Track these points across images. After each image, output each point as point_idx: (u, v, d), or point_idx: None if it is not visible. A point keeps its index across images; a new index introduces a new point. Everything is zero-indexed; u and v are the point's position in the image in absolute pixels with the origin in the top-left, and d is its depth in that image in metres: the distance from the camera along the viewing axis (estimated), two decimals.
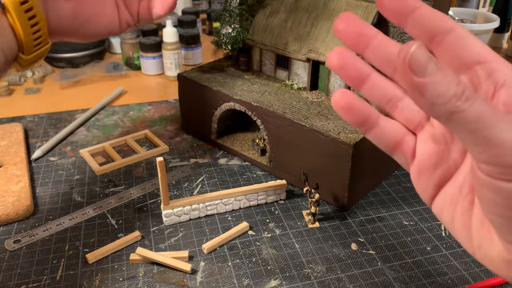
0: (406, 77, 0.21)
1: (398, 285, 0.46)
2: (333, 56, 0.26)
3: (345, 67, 0.26)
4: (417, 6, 0.24)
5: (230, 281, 0.47)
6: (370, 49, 0.26)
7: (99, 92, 0.89)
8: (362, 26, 0.26)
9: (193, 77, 0.68)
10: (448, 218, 0.27)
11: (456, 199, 0.27)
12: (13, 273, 0.48)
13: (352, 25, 0.26)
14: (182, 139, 0.73)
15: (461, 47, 0.24)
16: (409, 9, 0.24)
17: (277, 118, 0.58)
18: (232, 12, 0.69)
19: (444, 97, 0.20)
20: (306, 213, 0.56)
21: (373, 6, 0.58)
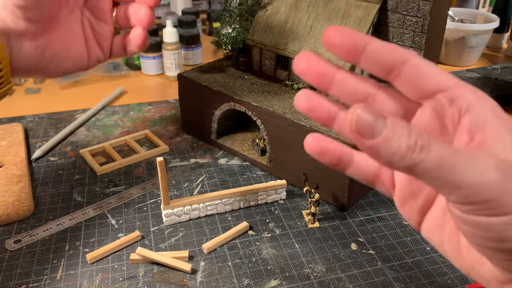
0: (357, 141, 0.21)
1: (398, 285, 0.47)
2: (300, 99, 0.27)
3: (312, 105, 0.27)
4: (367, 42, 0.24)
5: (230, 281, 0.47)
6: (334, 87, 0.27)
7: (99, 92, 0.89)
8: (321, 66, 0.26)
9: (193, 77, 0.68)
10: (438, 241, 0.27)
11: (442, 222, 0.26)
12: (13, 273, 0.48)
13: (312, 65, 0.26)
14: (182, 139, 0.73)
15: (419, 77, 0.24)
16: (361, 46, 0.24)
17: (277, 118, 0.58)
18: (232, 12, 0.69)
19: (399, 153, 0.20)
20: (306, 213, 0.56)
21: (373, 6, 0.58)
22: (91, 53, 0.49)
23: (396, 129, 0.20)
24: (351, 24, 0.59)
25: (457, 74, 0.92)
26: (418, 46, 0.57)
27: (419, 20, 0.56)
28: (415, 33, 0.57)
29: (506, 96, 0.85)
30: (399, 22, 0.57)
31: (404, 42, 0.58)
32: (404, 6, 0.56)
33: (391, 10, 0.58)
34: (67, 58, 0.47)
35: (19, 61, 0.43)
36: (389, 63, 0.24)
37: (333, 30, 0.24)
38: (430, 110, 0.25)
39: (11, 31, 0.41)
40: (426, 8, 0.54)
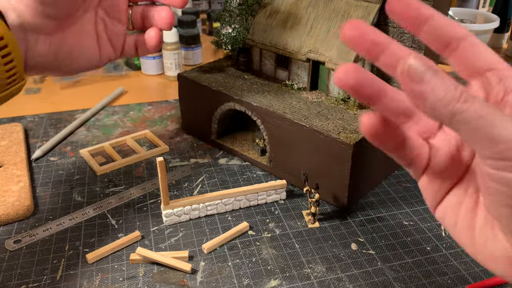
0: (406, 85, 0.22)
1: (398, 285, 0.47)
2: (345, 73, 0.26)
3: (360, 87, 0.27)
4: (432, 14, 0.25)
5: (230, 281, 0.47)
6: (386, 55, 0.26)
7: (99, 92, 0.89)
8: (373, 34, 0.26)
9: (193, 77, 0.68)
10: (451, 221, 0.28)
11: (462, 200, 0.27)
12: (13, 273, 0.48)
13: (364, 33, 0.26)
14: (182, 139, 0.73)
15: (473, 55, 0.26)
16: (424, 18, 0.25)
17: (277, 118, 0.58)
18: (232, 12, 0.69)
19: (444, 100, 0.22)
20: (306, 213, 0.56)
21: (373, 6, 0.58)
22: (103, 51, 0.49)
23: (444, 80, 0.22)
24: None
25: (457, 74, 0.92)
26: (418, 46, 0.57)
27: None
28: None
29: None
30: None
31: (404, 42, 0.58)
32: None
33: None
34: (80, 56, 0.47)
35: (33, 58, 0.43)
36: (449, 38, 0.25)
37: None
38: (478, 87, 0.26)
39: (28, 25, 0.42)
40: None
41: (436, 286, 0.46)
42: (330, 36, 0.60)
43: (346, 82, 0.26)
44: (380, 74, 0.31)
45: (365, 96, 0.27)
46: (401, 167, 0.65)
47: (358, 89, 0.26)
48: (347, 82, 0.26)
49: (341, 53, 0.59)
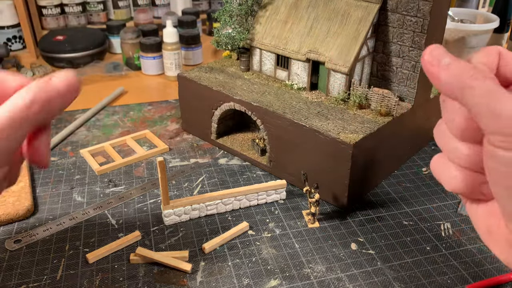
0: (426, 69, 0.26)
1: (398, 284, 0.47)
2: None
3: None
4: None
5: (230, 281, 0.47)
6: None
7: (99, 92, 0.89)
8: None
9: (193, 77, 0.68)
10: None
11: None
12: (13, 273, 0.48)
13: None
14: (182, 139, 0.73)
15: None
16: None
17: (277, 118, 0.58)
18: (232, 12, 0.69)
19: (457, 76, 0.25)
20: (306, 213, 0.56)
21: (373, 6, 0.58)
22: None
23: (461, 63, 0.25)
24: (351, 24, 0.59)
25: None
26: (418, 46, 0.57)
27: (419, 20, 0.56)
28: (415, 33, 0.57)
29: None
30: (399, 22, 0.57)
31: (404, 42, 0.58)
32: (404, 6, 0.56)
33: (391, 10, 0.58)
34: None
35: None
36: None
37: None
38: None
39: None
40: (426, 8, 0.54)
41: (436, 286, 0.46)
42: (330, 36, 0.60)
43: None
44: (381, 74, 0.31)
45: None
46: (401, 167, 0.65)
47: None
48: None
49: (341, 53, 0.59)
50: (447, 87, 0.26)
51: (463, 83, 0.25)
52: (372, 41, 0.60)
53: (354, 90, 0.59)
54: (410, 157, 0.68)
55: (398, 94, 0.61)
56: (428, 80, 0.35)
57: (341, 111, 0.59)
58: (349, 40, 0.58)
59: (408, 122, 0.61)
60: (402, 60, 0.59)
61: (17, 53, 1.08)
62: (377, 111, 0.58)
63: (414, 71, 0.59)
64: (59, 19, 1.16)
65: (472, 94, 0.24)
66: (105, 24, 1.13)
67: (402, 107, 0.60)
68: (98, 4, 1.16)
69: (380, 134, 0.56)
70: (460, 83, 0.25)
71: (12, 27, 1.07)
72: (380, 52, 0.61)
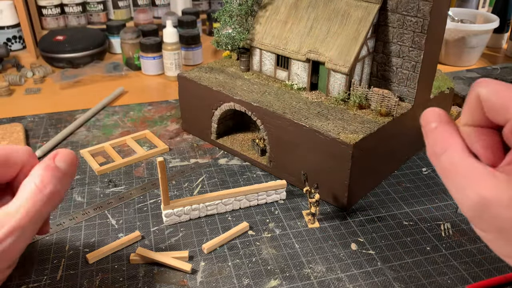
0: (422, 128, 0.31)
1: (398, 285, 0.47)
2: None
3: None
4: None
5: (230, 281, 0.47)
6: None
7: (99, 92, 0.89)
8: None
9: (193, 77, 0.68)
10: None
11: None
12: (14, 273, 0.48)
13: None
14: (182, 139, 0.73)
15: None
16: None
17: (277, 118, 0.58)
18: (232, 12, 0.69)
19: (433, 143, 0.29)
20: (306, 213, 0.56)
21: (373, 6, 0.58)
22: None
23: (437, 132, 0.29)
24: (351, 24, 0.59)
25: (457, 74, 0.92)
26: (418, 46, 0.57)
27: (419, 20, 0.56)
28: (415, 33, 0.57)
29: None
30: (399, 22, 0.57)
31: (404, 42, 0.58)
32: (404, 6, 0.56)
33: (391, 10, 0.58)
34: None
35: None
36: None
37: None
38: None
39: None
40: (426, 8, 0.54)
41: (436, 286, 0.46)
42: (330, 36, 0.60)
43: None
44: (381, 74, 0.31)
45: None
46: (401, 167, 0.65)
47: None
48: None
49: (341, 53, 0.59)
50: (429, 149, 0.30)
51: (436, 153, 0.29)
52: (372, 41, 0.60)
53: (354, 90, 0.59)
54: (410, 157, 0.68)
55: (398, 94, 0.61)
56: (428, 80, 0.35)
57: (341, 111, 0.59)
58: (349, 40, 0.58)
59: (408, 122, 0.61)
60: (402, 60, 0.59)
61: (17, 53, 1.08)
62: (377, 111, 0.58)
63: (414, 71, 0.59)
64: (59, 19, 1.16)
65: (437, 164, 0.28)
66: (105, 24, 1.13)
67: (402, 107, 0.60)
68: (98, 4, 1.16)
69: (380, 134, 0.56)
70: (435, 151, 0.29)
71: (12, 27, 1.07)
72: (380, 52, 0.61)
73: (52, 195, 0.36)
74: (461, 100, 0.83)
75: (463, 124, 0.30)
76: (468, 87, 0.86)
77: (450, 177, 0.27)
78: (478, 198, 0.25)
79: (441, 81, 0.70)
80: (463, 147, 0.28)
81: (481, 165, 0.27)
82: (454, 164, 0.27)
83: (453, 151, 0.28)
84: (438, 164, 0.28)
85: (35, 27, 1.12)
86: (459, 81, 0.89)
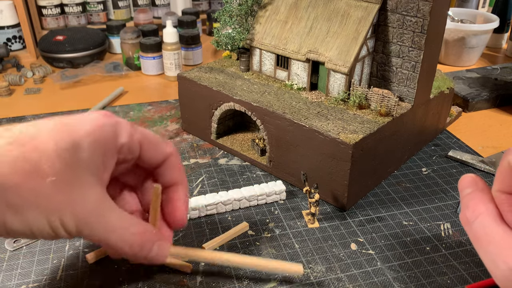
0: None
1: (398, 285, 0.47)
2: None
3: None
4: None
5: (230, 281, 0.47)
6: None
7: (99, 92, 0.89)
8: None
9: (193, 77, 0.68)
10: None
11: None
12: (13, 273, 0.48)
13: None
14: (182, 139, 0.73)
15: None
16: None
17: (277, 118, 0.58)
18: (232, 12, 0.69)
19: (463, 213, 0.31)
20: (306, 213, 0.56)
21: (373, 6, 0.58)
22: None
23: (470, 197, 0.31)
24: (351, 24, 0.59)
25: (457, 74, 0.92)
26: (418, 46, 0.57)
27: (419, 20, 0.56)
28: (415, 33, 0.57)
29: (506, 96, 0.85)
30: (399, 22, 0.58)
31: (404, 42, 0.58)
32: (404, 6, 0.56)
33: (391, 10, 0.58)
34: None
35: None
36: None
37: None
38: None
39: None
40: (426, 8, 0.54)
41: (436, 286, 0.46)
42: (330, 36, 0.60)
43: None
44: (381, 74, 0.31)
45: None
46: (401, 167, 0.65)
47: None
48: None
49: (341, 53, 0.59)
50: (461, 215, 0.30)
51: (467, 218, 0.29)
52: (372, 41, 0.60)
53: (354, 90, 0.59)
54: (410, 157, 0.68)
55: (398, 94, 0.61)
56: (428, 80, 0.36)
57: (341, 111, 0.59)
58: (349, 40, 0.58)
59: (408, 122, 0.61)
60: (402, 60, 0.59)
61: (17, 53, 1.08)
62: (377, 111, 0.58)
63: (414, 71, 0.59)
64: (59, 19, 1.16)
65: (469, 229, 0.29)
66: (105, 24, 1.13)
67: (402, 107, 0.60)
68: (98, 4, 1.16)
69: (380, 134, 0.56)
70: (467, 216, 0.29)
71: (12, 27, 1.07)
72: (380, 52, 0.61)
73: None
74: (461, 100, 0.83)
75: (495, 190, 0.29)
76: (468, 87, 0.86)
77: (481, 244, 0.27)
78: (508, 268, 0.25)
79: (441, 81, 0.70)
80: (496, 214, 0.28)
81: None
82: (485, 231, 0.27)
83: (485, 217, 0.28)
84: (470, 230, 0.28)
85: (35, 27, 1.12)
86: (459, 81, 0.89)
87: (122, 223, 0.36)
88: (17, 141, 0.31)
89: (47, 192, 0.31)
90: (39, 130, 0.32)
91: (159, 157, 0.40)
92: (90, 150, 0.34)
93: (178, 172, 0.42)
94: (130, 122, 0.39)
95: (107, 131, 0.35)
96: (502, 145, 0.73)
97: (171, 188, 0.43)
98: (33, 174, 0.31)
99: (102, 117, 0.36)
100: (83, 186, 0.33)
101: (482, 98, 0.83)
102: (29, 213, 0.31)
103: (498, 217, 0.28)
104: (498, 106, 0.85)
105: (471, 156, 0.67)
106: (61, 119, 0.35)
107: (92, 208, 0.34)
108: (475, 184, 0.30)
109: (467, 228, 0.29)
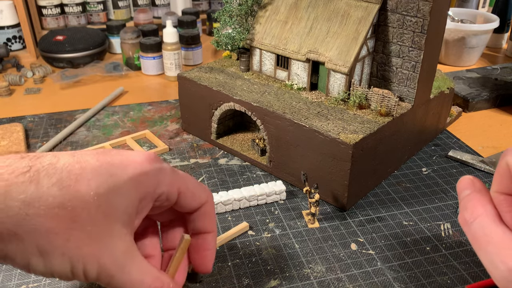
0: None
1: (398, 285, 0.47)
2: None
3: None
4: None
5: (230, 281, 0.47)
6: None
7: (99, 92, 0.89)
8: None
9: (193, 77, 0.68)
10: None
11: None
12: (13, 273, 0.48)
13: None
14: (182, 139, 0.73)
15: None
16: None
17: (277, 118, 0.58)
18: (232, 12, 0.69)
19: (461, 213, 0.31)
20: (306, 213, 0.56)
21: (373, 6, 0.58)
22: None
23: (469, 199, 0.31)
24: (351, 24, 0.59)
25: (457, 74, 0.92)
26: (418, 46, 0.57)
27: (419, 20, 0.56)
28: (415, 33, 0.57)
29: (506, 96, 0.85)
30: (399, 22, 0.58)
31: (404, 42, 0.58)
32: (404, 6, 0.56)
33: (391, 10, 0.58)
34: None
35: None
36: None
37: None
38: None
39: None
40: (426, 8, 0.54)
41: (436, 286, 0.46)
42: (330, 36, 0.60)
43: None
44: (381, 74, 0.31)
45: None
46: (401, 167, 0.65)
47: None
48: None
49: (341, 53, 0.59)
50: (460, 216, 0.30)
51: (466, 220, 0.29)
52: (372, 41, 0.60)
53: (354, 90, 0.59)
54: (410, 157, 0.68)
55: (398, 94, 0.61)
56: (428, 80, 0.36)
57: (341, 111, 0.59)
58: (349, 40, 0.58)
59: (408, 122, 0.61)
60: (402, 60, 0.59)
61: (17, 53, 1.08)
62: (377, 111, 0.58)
63: (414, 71, 0.59)
64: (59, 19, 1.16)
65: (468, 230, 0.29)
66: (105, 24, 1.13)
67: (402, 107, 0.60)
68: (98, 4, 1.16)
69: (380, 134, 0.56)
70: (465, 218, 0.29)
71: (12, 27, 1.07)
72: (380, 52, 0.61)
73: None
74: (461, 100, 0.83)
75: (494, 191, 0.30)
76: (468, 87, 0.86)
77: (480, 245, 0.28)
78: (507, 269, 0.25)
79: (441, 81, 0.70)
80: (494, 215, 0.28)
81: (511, 235, 0.27)
82: (484, 232, 0.27)
83: (484, 218, 0.28)
84: (469, 231, 0.29)
85: (35, 27, 1.12)
86: (459, 81, 0.89)
87: (141, 276, 0.34)
88: (60, 181, 0.30)
89: (78, 241, 0.30)
90: (83, 169, 0.31)
91: (195, 204, 0.38)
92: (128, 199, 0.32)
93: (211, 221, 0.40)
94: (173, 168, 0.37)
95: (149, 180, 0.34)
96: (502, 145, 0.73)
97: (201, 236, 0.40)
98: (68, 221, 0.29)
99: (148, 163, 0.34)
100: (114, 236, 0.32)
101: (482, 98, 0.83)
102: (55, 258, 0.30)
103: (497, 218, 0.28)
104: (498, 106, 0.85)
105: (471, 156, 0.67)
106: (105, 155, 0.33)
107: (116, 259, 0.32)
108: (473, 185, 0.30)
109: (466, 230, 0.29)
